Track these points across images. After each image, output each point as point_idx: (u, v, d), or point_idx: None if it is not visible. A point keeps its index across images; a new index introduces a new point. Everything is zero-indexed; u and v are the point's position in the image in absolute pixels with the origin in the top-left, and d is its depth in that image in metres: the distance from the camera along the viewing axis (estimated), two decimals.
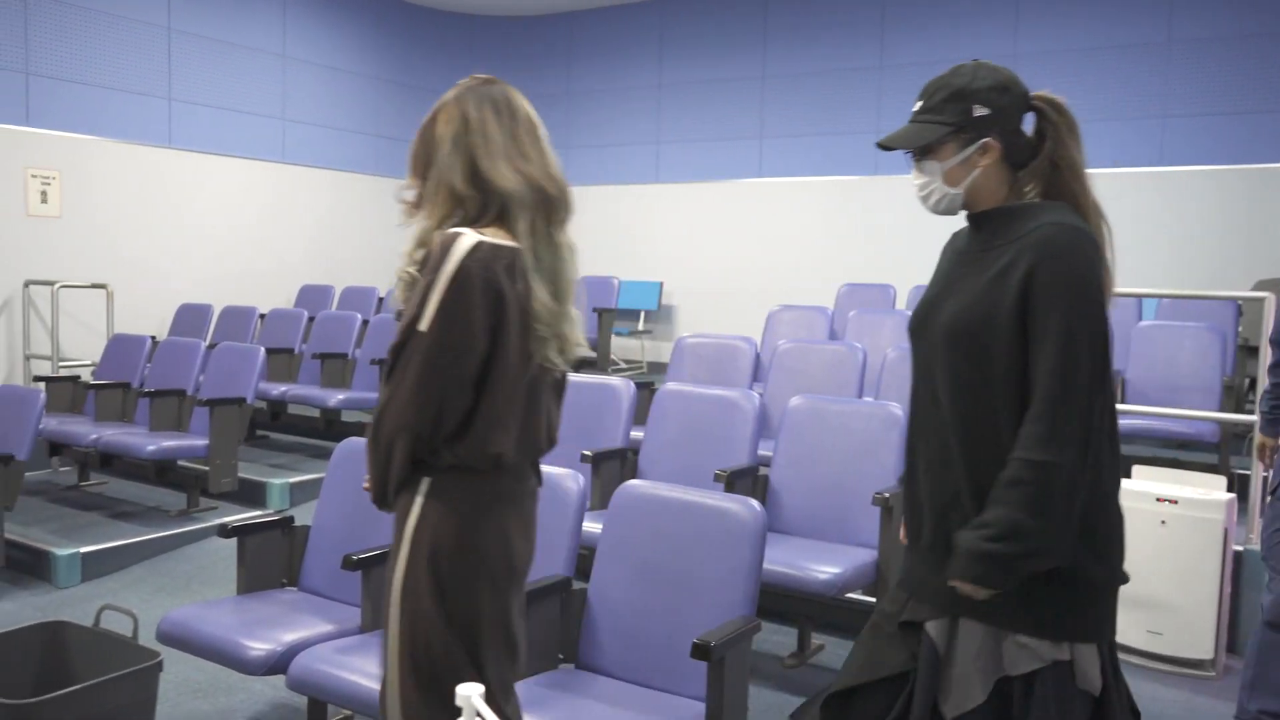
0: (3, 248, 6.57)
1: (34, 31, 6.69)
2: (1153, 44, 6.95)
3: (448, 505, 1.70)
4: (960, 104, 1.73)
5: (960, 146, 1.73)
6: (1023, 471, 1.56)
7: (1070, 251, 1.62)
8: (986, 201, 1.77)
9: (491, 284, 1.66)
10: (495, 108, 1.83)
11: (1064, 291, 1.59)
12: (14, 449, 4.23)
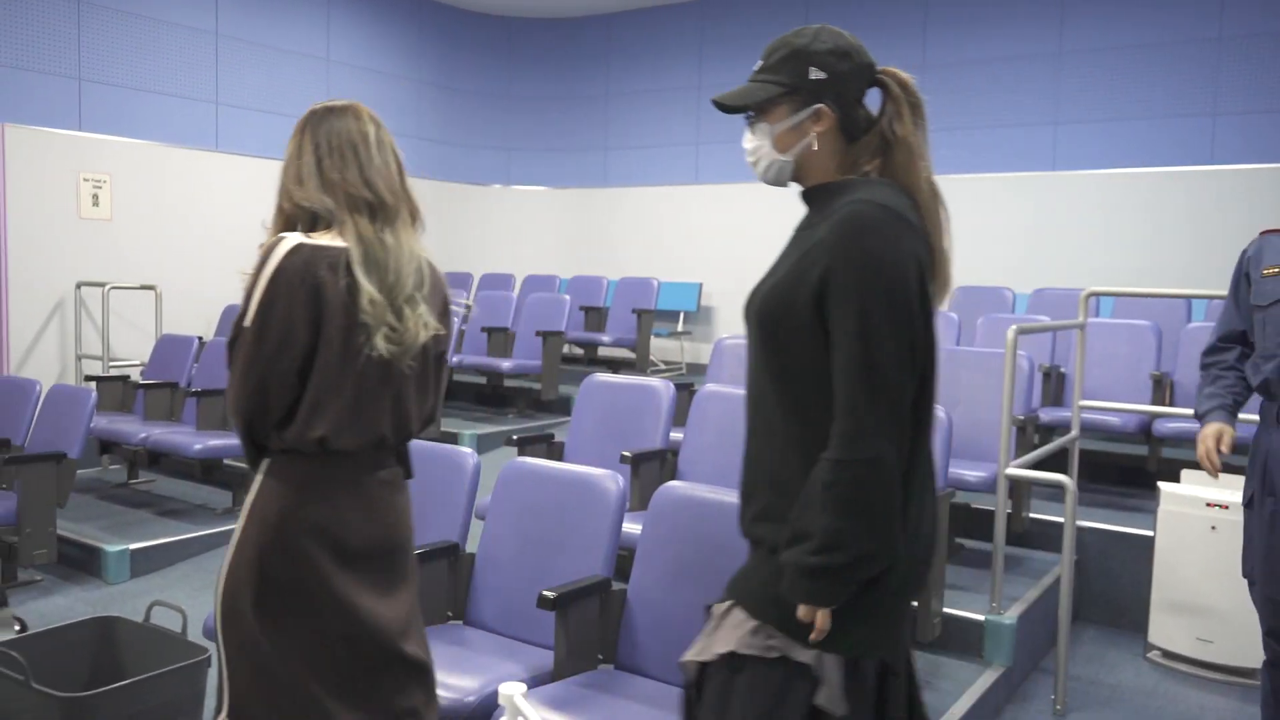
0: (56, 250, 6.72)
1: (86, 39, 6.84)
2: (1203, 40, 6.82)
3: (280, 483, 1.84)
4: (797, 64, 1.62)
5: (793, 110, 1.63)
6: (835, 473, 1.44)
7: (869, 231, 1.48)
8: (816, 174, 1.67)
9: (309, 281, 1.80)
10: (314, 134, 1.95)
11: (859, 277, 1.46)
12: (66, 447, 4.33)
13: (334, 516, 1.88)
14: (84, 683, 1.80)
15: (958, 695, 3.26)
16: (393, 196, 1.95)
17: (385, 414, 1.91)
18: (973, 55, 7.73)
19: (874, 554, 1.45)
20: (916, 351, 1.48)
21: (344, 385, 1.84)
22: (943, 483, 3.45)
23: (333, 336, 1.82)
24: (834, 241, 1.49)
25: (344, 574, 1.87)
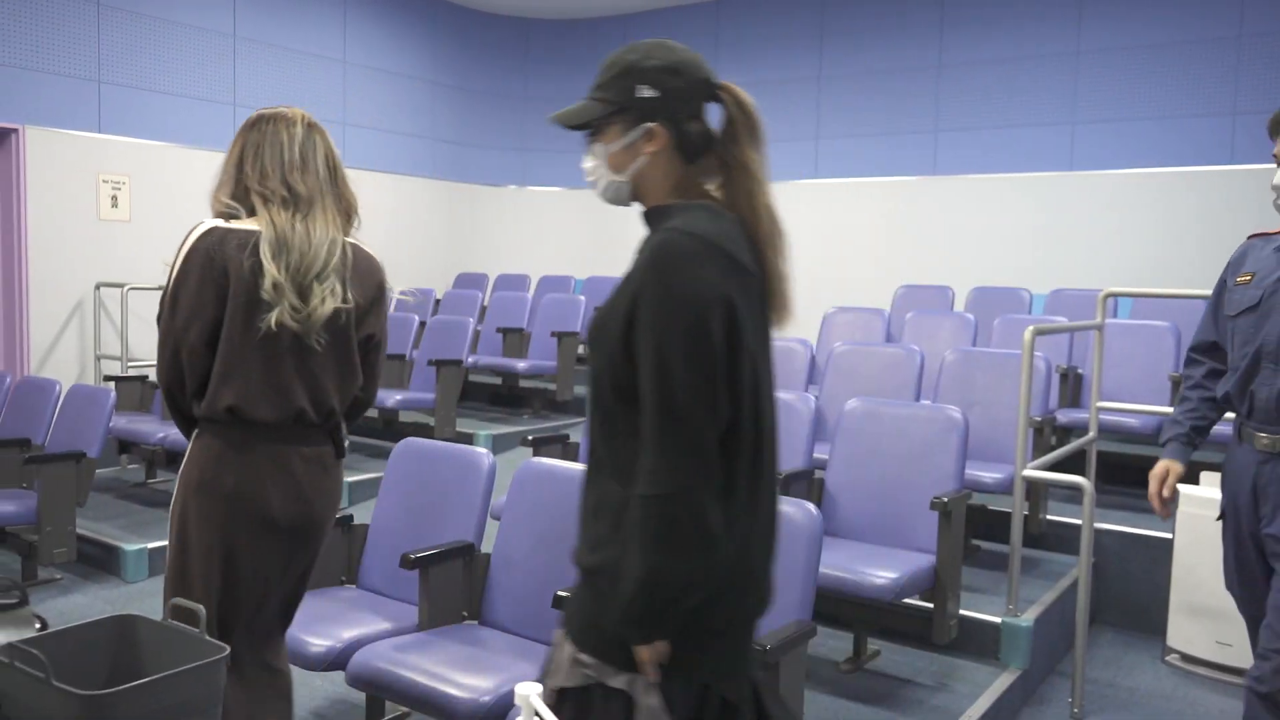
0: (75, 251, 6.77)
1: (105, 41, 6.89)
2: (1222, 39, 6.77)
3: (202, 450, 2.04)
4: (626, 82, 1.55)
5: (625, 129, 1.56)
6: (643, 510, 1.41)
7: (672, 264, 1.43)
8: (653, 196, 1.62)
9: (218, 259, 2.01)
10: (243, 141, 2.20)
11: (657, 312, 1.41)
12: (86, 447, 4.36)
13: (252, 485, 2.03)
14: (103, 680, 1.82)
15: (974, 698, 3.24)
16: (309, 190, 2.11)
17: (299, 387, 2.05)
18: (989, 55, 7.69)
19: (688, 585, 1.42)
20: (720, 385, 1.43)
21: (250, 357, 2.00)
22: (959, 484, 3.44)
23: (236, 311, 1.99)
24: (641, 273, 1.45)
25: (259, 542, 2.06)
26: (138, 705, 1.60)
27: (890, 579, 3.04)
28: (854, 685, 3.37)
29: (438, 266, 9.36)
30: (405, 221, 9.09)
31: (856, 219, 8.27)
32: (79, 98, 6.78)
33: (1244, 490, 2.41)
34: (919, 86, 8.02)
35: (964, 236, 7.74)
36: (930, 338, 5.61)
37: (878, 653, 3.61)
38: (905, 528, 3.43)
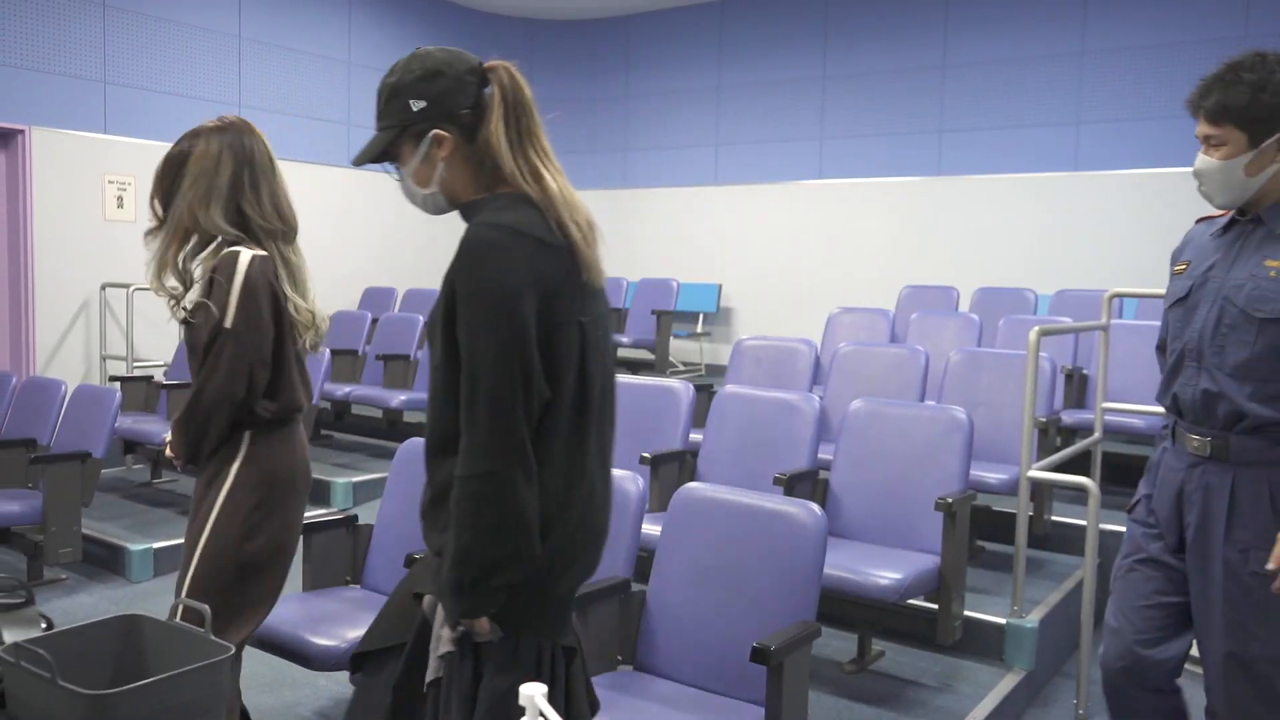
0: (81, 252, 6.79)
1: (111, 43, 6.91)
2: (1228, 39, 6.75)
3: (277, 441, 2.30)
4: (398, 102, 1.62)
5: (415, 146, 1.63)
6: (459, 490, 1.50)
7: (478, 256, 1.51)
8: (466, 194, 1.67)
9: (267, 285, 2.26)
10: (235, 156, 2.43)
11: (467, 302, 1.50)
12: (91, 447, 4.37)
13: (306, 460, 2.39)
14: (109, 680, 1.82)
15: (979, 699, 3.24)
16: (292, 219, 2.43)
17: (308, 385, 2.44)
18: (994, 55, 7.68)
19: (496, 564, 1.50)
20: (534, 371, 1.51)
21: (295, 363, 2.35)
22: (963, 485, 3.44)
23: (285, 329, 2.31)
24: (454, 267, 1.53)
25: (300, 504, 2.38)
26: (142, 705, 1.60)
27: (895, 580, 3.04)
28: (858, 686, 3.37)
29: (440, 267, 9.32)
30: (409, 222, 9.09)
31: (861, 219, 8.26)
32: (84, 98, 6.79)
33: (1167, 498, 2.22)
34: (923, 87, 8.01)
35: (969, 237, 7.73)
36: (935, 338, 5.60)
37: (882, 653, 3.61)
38: (910, 528, 3.43)
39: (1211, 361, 2.08)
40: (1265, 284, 2.01)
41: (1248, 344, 2.02)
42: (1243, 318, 2.03)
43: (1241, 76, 1.96)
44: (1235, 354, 2.04)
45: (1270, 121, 1.96)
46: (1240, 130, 1.98)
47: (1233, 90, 1.97)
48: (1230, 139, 2.00)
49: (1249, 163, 2.00)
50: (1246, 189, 2.04)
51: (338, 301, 8.29)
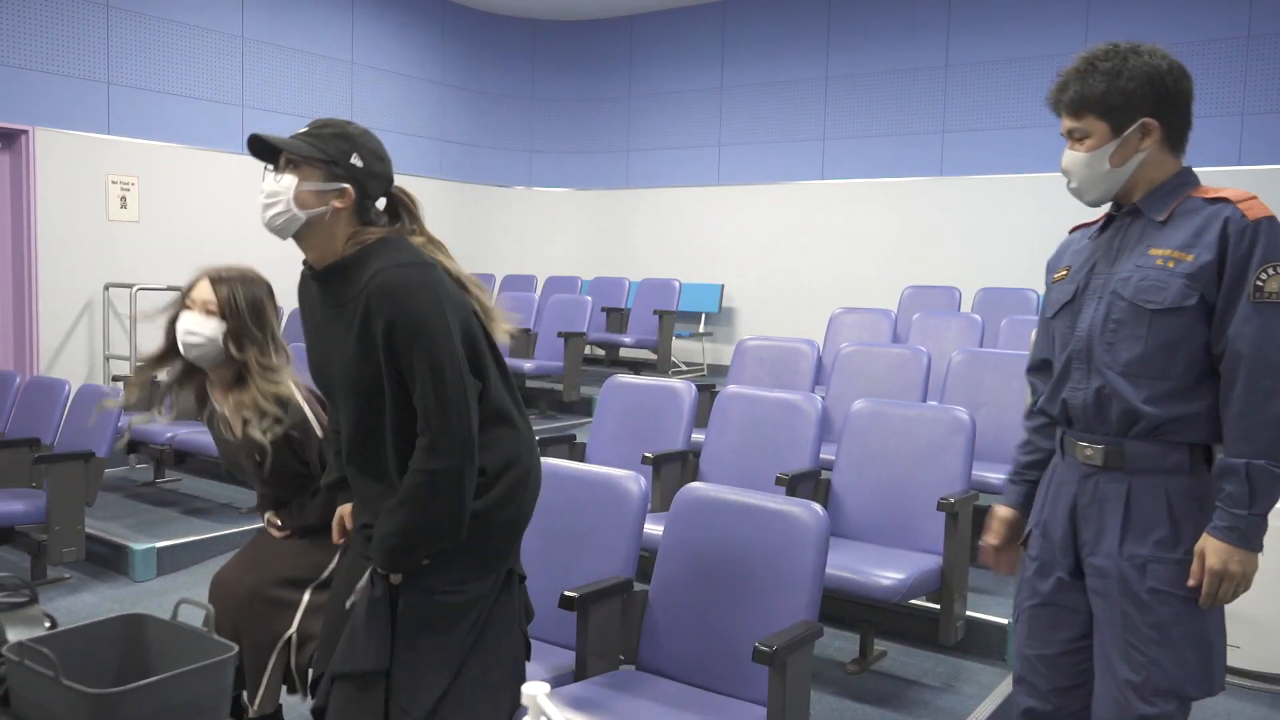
0: (85, 252, 6.80)
1: (114, 43, 6.92)
2: (1232, 39, 6.75)
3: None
4: (344, 145, 1.90)
5: (323, 179, 1.87)
6: (414, 479, 1.82)
7: (407, 292, 1.80)
8: (320, 241, 1.91)
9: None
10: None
11: (414, 331, 1.79)
12: (94, 446, 4.38)
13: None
14: (112, 679, 1.83)
15: (980, 699, 3.24)
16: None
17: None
18: (996, 55, 7.68)
19: (431, 537, 1.86)
20: (468, 372, 1.85)
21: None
22: (965, 485, 3.44)
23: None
24: (386, 307, 1.80)
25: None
26: (146, 704, 1.61)
27: (897, 580, 3.04)
28: (860, 686, 3.37)
29: None
30: None
31: (863, 220, 8.26)
32: (88, 99, 6.81)
33: (1060, 515, 1.99)
34: (926, 87, 8.01)
35: (971, 237, 7.73)
36: (937, 338, 5.60)
37: (884, 654, 3.61)
38: (912, 529, 3.43)
39: (1102, 360, 1.92)
40: (1153, 273, 1.87)
41: (1140, 338, 1.87)
42: (1132, 311, 1.89)
43: (1097, 66, 1.88)
44: (1127, 350, 1.89)
45: (1130, 108, 1.88)
46: (1101, 120, 1.89)
47: (1089, 80, 1.88)
48: (1093, 130, 1.91)
49: (1114, 152, 1.91)
50: (1115, 180, 1.94)
51: None
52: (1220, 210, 1.87)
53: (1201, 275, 1.83)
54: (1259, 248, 1.80)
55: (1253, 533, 1.79)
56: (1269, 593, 3.34)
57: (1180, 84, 1.92)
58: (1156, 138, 1.92)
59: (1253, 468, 1.77)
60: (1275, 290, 1.79)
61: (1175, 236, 1.89)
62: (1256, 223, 1.82)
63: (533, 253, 9.90)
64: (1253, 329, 1.79)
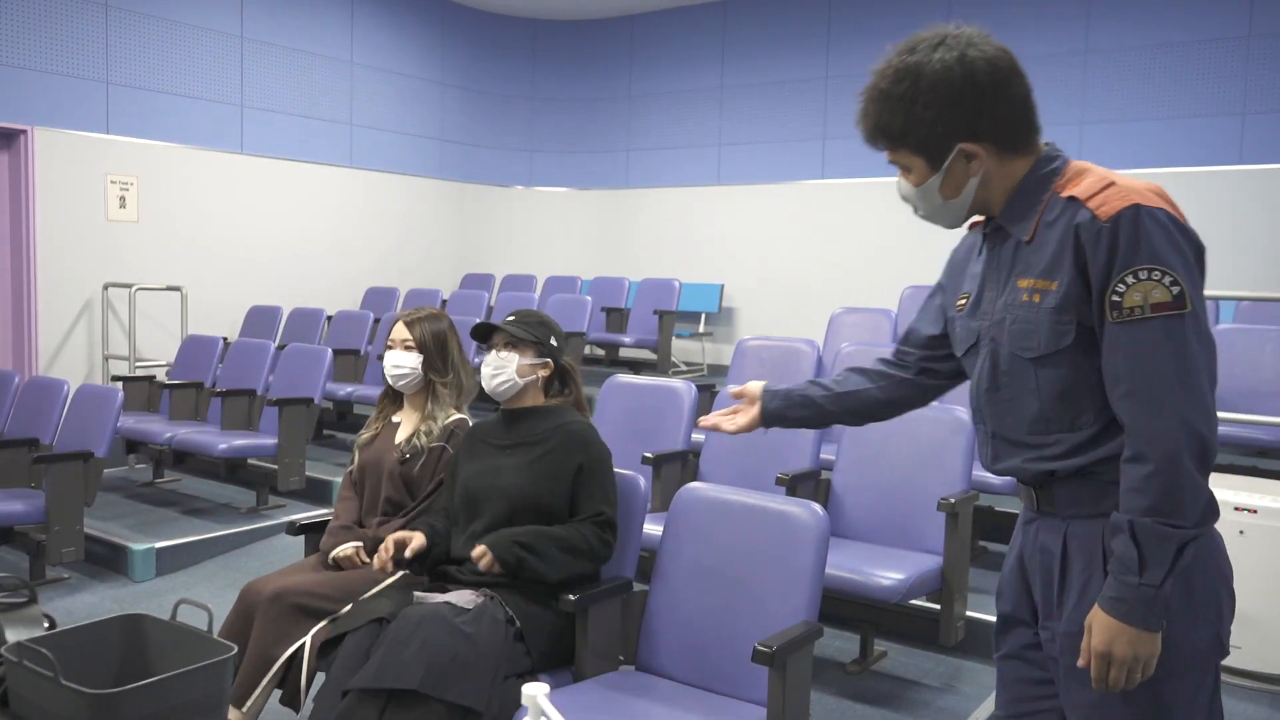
0: (84, 252, 6.80)
1: (113, 43, 6.92)
2: (1232, 38, 6.75)
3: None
4: (546, 331, 2.74)
5: (535, 355, 2.71)
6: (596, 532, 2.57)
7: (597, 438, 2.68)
8: (531, 397, 2.73)
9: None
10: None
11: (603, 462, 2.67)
12: (94, 446, 4.37)
13: None
14: (111, 679, 1.82)
15: (981, 699, 3.24)
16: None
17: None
18: None
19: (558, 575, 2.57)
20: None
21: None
22: (966, 485, 3.43)
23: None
24: (581, 448, 2.63)
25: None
26: (145, 704, 1.61)
27: (897, 580, 3.04)
28: (861, 686, 3.36)
29: (445, 267, 9.37)
30: (412, 222, 9.10)
31: (863, 220, 8.26)
32: (87, 99, 6.80)
33: (1010, 566, 1.69)
34: None
35: None
36: None
37: (885, 654, 3.60)
38: (912, 529, 3.43)
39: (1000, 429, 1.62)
40: (1022, 312, 1.54)
41: (1033, 392, 1.55)
42: (1015, 362, 1.56)
43: (888, 92, 1.52)
44: (1025, 408, 1.56)
45: (938, 138, 1.52)
46: (913, 154, 1.56)
47: (883, 111, 1.54)
48: (910, 164, 1.58)
49: (941, 185, 1.57)
50: (959, 208, 1.60)
51: (340, 301, 8.29)
52: (1072, 214, 1.50)
53: (1068, 304, 1.48)
54: (1118, 252, 1.42)
55: (1144, 608, 1.40)
56: (1269, 593, 3.34)
57: (997, 81, 1.52)
58: (985, 157, 1.55)
59: (1138, 526, 1.40)
60: (1138, 303, 1.41)
61: (1039, 259, 1.53)
62: (1114, 220, 1.44)
63: (533, 253, 9.90)
64: (1123, 356, 1.43)
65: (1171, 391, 1.40)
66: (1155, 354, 1.40)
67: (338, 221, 8.45)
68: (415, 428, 2.98)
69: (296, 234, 8.10)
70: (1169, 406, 1.39)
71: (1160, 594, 1.40)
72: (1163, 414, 1.40)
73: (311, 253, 8.23)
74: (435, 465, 2.91)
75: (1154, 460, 1.39)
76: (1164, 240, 1.42)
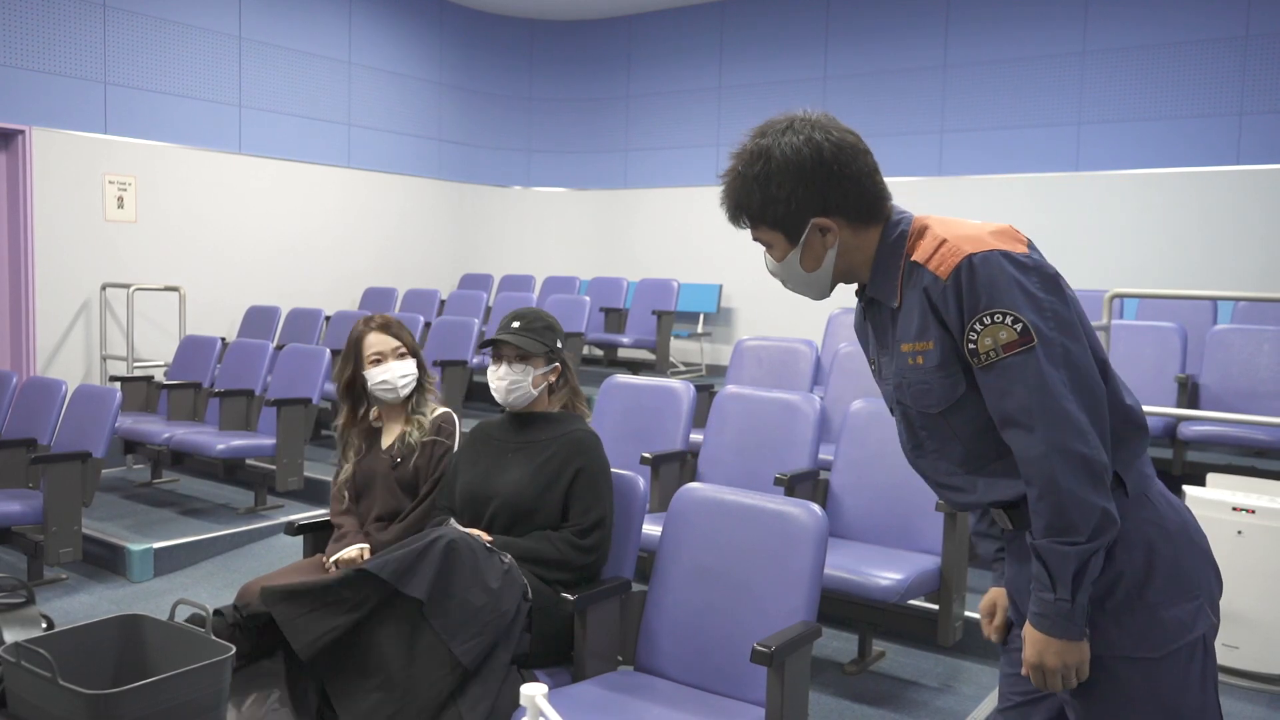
0: (82, 252, 6.79)
1: (111, 43, 6.91)
2: (1230, 39, 6.75)
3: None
4: (552, 335, 2.79)
5: (544, 363, 2.77)
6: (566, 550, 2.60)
7: (598, 446, 2.73)
8: (540, 403, 2.79)
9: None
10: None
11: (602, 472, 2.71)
12: (92, 447, 4.37)
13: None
14: (110, 680, 1.82)
15: (979, 699, 3.24)
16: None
17: None
18: (995, 55, 7.68)
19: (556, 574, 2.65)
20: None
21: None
22: None
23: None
24: (579, 455, 2.67)
25: None
26: (144, 704, 1.60)
27: (895, 580, 3.04)
28: (859, 686, 3.37)
29: (443, 267, 9.37)
30: (410, 222, 9.09)
31: None
32: (85, 99, 6.80)
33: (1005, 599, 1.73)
34: (924, 87, 8.01)
35: None
36: None
37: (883, 654, 3.60)
38: (911, 529, 3.43)
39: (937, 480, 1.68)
40: (912, 375, 1.61)
41: (955, 438, 1.61)
42: (925, 418, 1.63)
43: (744, 173, 1.62)
44: (952, 453, 1.63)
45: (794, 214, 1.61)
46: (773, 230, 1.65)
47: (741, 191, 1.64)
48: (772, 240, 1.67)
49: (801, 258, 1.65)
50: (822, 280, 1.68)
51: (338, 302, 8.29)
52: (919, 279, 1.58)
53: (948, 359, 1.55)
54: (964, 305, 1.51)
55: (1064, 621, 1.48)
56: (1267, 593, 3.35)
57: (843, 161, 1.61)
58: (839, 229, 1.63)
59: (1040, 548, 1.48)
60: (990, 347, 1.49)
61: (909, 323, 1.60)
62: (953, 276, 1.52)
63: (531, 253, 9.89)
64: (994, 397, 1.51)
65: (1036, 419, 1.46)
66: (1014, 389, 1.48)
67: (336, 222, 8.44)
68: (402, 429, 2.96)
69: (295, 234, 8.10)
70: (1037, 434, 1.46)
71: (1076, 607, 1.47)
72: (1033, 443, 1.47)
73: (310, 253, 8.23)
74: (430, 460, 2.92)
75: (1038, 485, 1.47)
76: (1001, 282, 1.49)
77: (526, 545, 2.55)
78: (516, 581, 2.42)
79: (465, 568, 2.31)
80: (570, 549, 2.56)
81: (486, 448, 2.75)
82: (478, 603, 2.29)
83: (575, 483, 2.62)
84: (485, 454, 2.74)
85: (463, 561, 2.31)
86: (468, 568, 2.31)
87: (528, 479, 2.62)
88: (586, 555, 2.57)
